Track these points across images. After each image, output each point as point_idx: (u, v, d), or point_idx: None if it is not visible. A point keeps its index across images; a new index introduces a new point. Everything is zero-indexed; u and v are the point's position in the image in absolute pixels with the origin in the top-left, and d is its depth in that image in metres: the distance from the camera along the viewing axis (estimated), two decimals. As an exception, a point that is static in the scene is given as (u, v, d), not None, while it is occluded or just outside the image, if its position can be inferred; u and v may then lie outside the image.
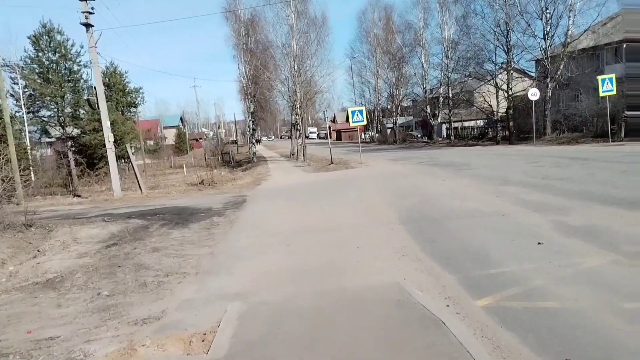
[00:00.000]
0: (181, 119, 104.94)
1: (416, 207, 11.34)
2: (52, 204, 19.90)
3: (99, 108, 22.35)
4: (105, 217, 14.15)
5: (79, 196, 23.40)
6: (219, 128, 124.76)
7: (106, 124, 21.60)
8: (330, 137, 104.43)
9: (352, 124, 28.15)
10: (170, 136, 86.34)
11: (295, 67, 33.71)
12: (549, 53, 33.95)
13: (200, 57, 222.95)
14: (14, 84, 35.76)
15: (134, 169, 22.31)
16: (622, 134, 27.32)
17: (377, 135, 69.77)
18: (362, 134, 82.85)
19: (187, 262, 8.11)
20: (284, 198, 15.93)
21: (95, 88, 22.70)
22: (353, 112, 27.64)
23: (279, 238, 9.28)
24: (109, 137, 21.55)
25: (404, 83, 57.55)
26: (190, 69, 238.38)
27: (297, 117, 36.87)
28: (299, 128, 38.00)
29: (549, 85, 33.86)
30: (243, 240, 9.50)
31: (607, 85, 26.60)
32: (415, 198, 12.72)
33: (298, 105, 35.07)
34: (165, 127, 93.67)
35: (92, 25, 20.78)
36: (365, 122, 28.88)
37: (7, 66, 34.17)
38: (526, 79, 40.11)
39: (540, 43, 34.52)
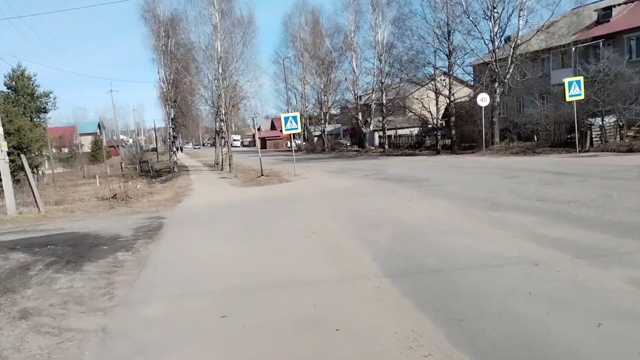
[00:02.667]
0: (99, 126, 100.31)
1: (397, 245, 8.42)
2: None
3: (-12, 112, 18.71)
4: (-19, 248, 10.89)
5: (-31, 215, 19.59)
6: (138, 135, 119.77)
7: (-2, 130, 18.08)
8: (255, 145, 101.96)
9: (285, 132, 25.49)
10: (88, 143, 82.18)
11: (220, 70, 30.87)
12: (497, 56, 32.26)
13: (121, 64, 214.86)
14: None
15: (29, 182, 18.74)
16: (588, 144, 25.64)
17: (304, 143, 67.36)
18: (289, 142, 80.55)
19: (62, 349, 5.00)
20: (211, 224, 12.80)
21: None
22: (286, 119, 24.83)
23: (208, 301, 6.24)
24: (1, 145, 18.02)
25: (333, 89, 55.61)
26: (111, 76, 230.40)
27: (222, 124, 33.91)
28: (223, 136, 35.01)
29: (497, 91, 32.15)
30: (154, 302, 6.38)
31: (574, 89, 24.49)
32: (388, 229, 9.77)
33: (223, 111, 32.13)
34: (82, 134, 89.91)
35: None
36: (300, 130, 26.33)
37: None
38: (461, 85, 38.71)
39: (488, 45, 32.80)
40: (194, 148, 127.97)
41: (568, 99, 25.04)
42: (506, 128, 33.67)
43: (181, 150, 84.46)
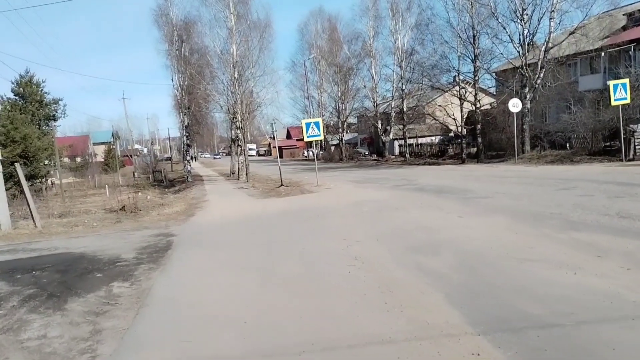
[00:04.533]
0: (113, 135, 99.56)
1: (472, 279, 6.38)
2: None
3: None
4: (-46, 274, 9.09)
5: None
6: (152, 144, 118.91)
7: (-10, 136, 16.43)
8: (271, 155, 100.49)
9: (306, 139, 23.64)
10: (101, 153, 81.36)
11: (236, 75, 29.21)
12: (527, 60, 30.20)
13: (135, 73, 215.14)
14: None
15: (25, 194, 16.99)
16: (632, 152, 23.51)
17: (321, 152, 65.57)
18: (305, 151, 78.89)
19: None
20: (226, 246, 10.69)
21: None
22: (307, 125, 22.92)
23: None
24: (-6, 153, 16.37)
25: (351, 96, 53.93)
26: (125, 86, 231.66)
27: (238, 131, 32.16)
28: (240, 144, 33.24)
29: (527, 96, 30.11)
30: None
31: (619, 93, 22.34)
32: (449, 255, 7.72)
33: (239, 118, 30.41)
34: (96, 144, 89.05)
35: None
36: (322, 137, 24.45)
37: None
38: (482, 94, 36.70)
39: (518, 49, 30.74)
40: (214, 158, 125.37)
41: (613, 103, 22.99)
42: (536, 135, 31.65)
43: (195, 159, 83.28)
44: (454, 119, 35.66)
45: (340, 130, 56.40)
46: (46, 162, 37.77)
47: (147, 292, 7.13)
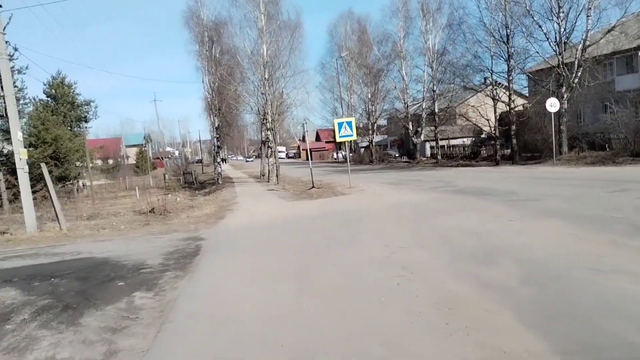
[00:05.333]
0: (145, 137, 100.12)
1: (544, 295, 5.45)
2: None
3: (6, 116, 16.55)
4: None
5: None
6: (183, 147, 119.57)
7: (16, 135, 15.98)
8: (300, 157, 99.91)
9: (339, 139, 22.85)
10: (133, 155, 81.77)
11: (266, 76, 28.66)
12: (563, 58, 28.94)
13: (168, 78, 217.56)
14: None
15: (50, 196, 16.51)
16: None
17: (351, 154, 64.72)
18: (334, 154, 78.19)
19: None
20: (257, 251, 9.86)
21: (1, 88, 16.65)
22: (340, 124, 22.09)
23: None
24: (19, 153, 15.89)
25: (382, 98, 53.06)
26: (157, 89, 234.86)
27: (269, 133, 31.53)
28: (270, 145, 32.57)
29: (565, 96, 28.86)
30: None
31: None
32: (509, 264, 6.77)
33: (270, 119, 29.82)
34: (128, 146, 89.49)
35: (-1, 6, 15.67)
36: (355, 137, 23.59)
37: None
38: (514, 95, 35.46)
39: (554, 47, 29.50)
40: (247, 161, 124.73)
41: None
42: (573, 136, 30.38)
43: (225, 161, 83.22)
44: (487, 119, 34.52)
45: (370, 132, 55.63)
46: (78, 163, 37.75)
47: (171, 305, 6.41)
